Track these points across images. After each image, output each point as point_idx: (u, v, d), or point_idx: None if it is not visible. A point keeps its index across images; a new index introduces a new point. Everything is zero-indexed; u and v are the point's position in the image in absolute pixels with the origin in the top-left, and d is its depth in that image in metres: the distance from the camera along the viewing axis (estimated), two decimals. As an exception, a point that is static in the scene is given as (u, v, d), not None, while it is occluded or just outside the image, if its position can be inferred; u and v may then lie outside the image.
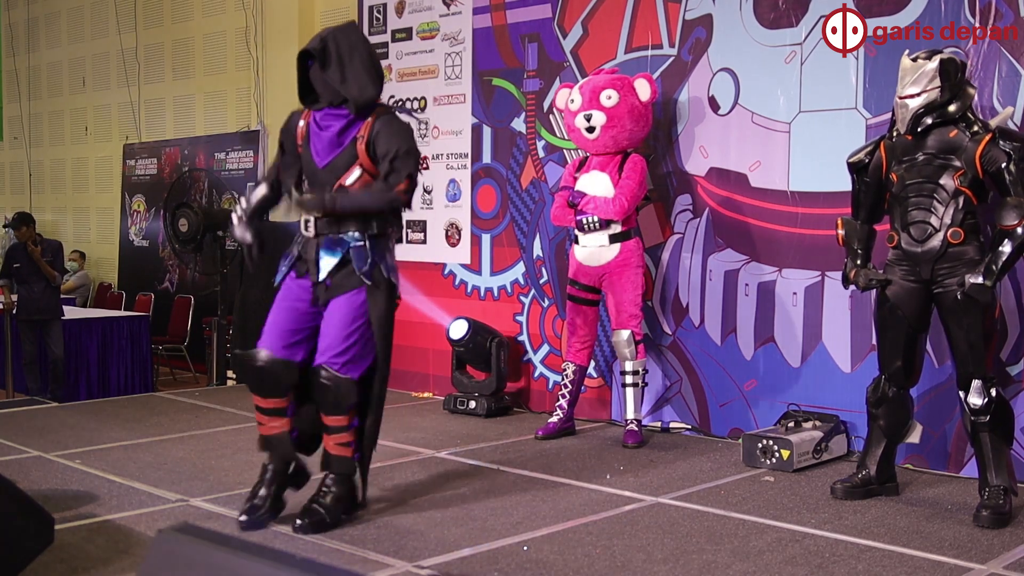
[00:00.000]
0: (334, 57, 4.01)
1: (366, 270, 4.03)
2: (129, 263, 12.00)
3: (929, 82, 4.29)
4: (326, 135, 4.09)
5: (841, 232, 4.66)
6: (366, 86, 4.04)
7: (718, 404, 5.88)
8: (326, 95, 4.08)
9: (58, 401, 7.66)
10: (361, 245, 4.05)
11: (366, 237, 4.06)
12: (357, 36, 4.17)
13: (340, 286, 4.05)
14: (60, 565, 3.58)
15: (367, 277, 4.03)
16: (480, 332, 6.50)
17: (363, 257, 4.04)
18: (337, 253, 4.06)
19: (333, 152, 4.09)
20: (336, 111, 4.07)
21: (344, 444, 4.09)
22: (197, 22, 11.23)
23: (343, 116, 4.06)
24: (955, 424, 4.93)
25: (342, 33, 4.11)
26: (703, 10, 5.89)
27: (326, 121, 4.09)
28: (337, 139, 4.08)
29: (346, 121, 4.06)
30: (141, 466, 5.05)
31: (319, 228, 4.09)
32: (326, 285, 4.07)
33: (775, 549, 3.84)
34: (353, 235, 4.06)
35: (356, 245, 4.05)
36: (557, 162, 6.54)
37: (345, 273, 4.05)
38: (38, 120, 13.85)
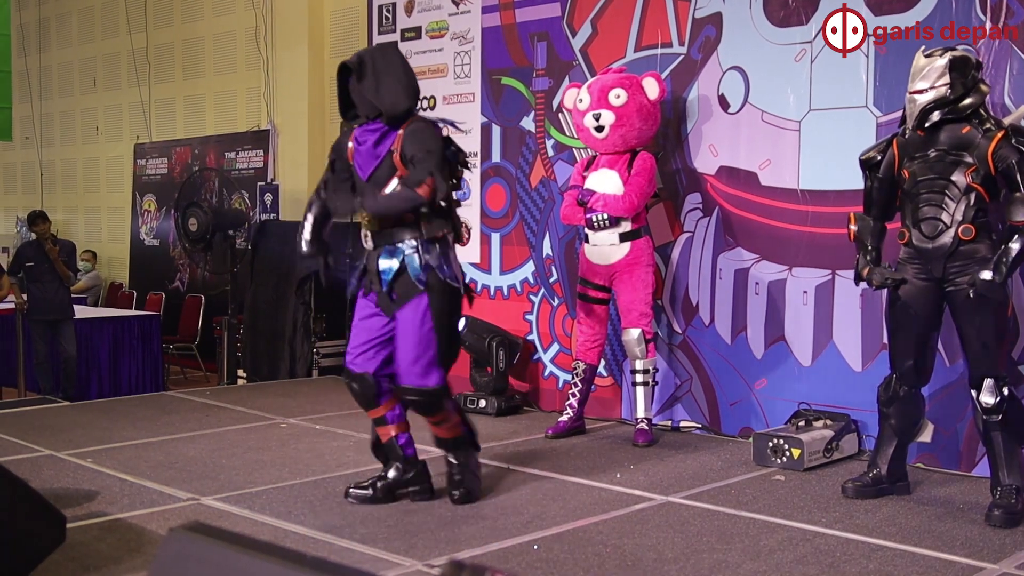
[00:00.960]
0: (370, 71, 4.24)
1: (421, 277, 4.21)
2: (140, 262, 12.04)
3: (939, 78, 4.27)
4: (364, 149, 4.29)
5: (854, 228, 4.64)
6: (399, 98, 4.25)
7: (728, 403, 5.87)
8: (363, 108, 4.30)
9: (70, 400, 7.68)
10: (414, 251, 4.22)
11: (419, 243, 4.23)
12: (394, 54, 4.42)
13: (403, 296, 4.25)
14: (72, 564, 3.59)
15: (422, 283, 4.20)
16: (478, 331, 6.49)
17: (417, 263, 4.22)
18: (394, 259, 4.24)
19: (372, 164, 4.30)
20: (372, 125, 4.28)
21: (454, 426, 4.40)
22: (207, 22, 11.26)
23: (379, 129, 4.25)
24: (967, 423, 4.91)
25: (380, 51, 4.42)
26: (713, 8, 5.88)
27: (364, 136, 4.31)
28: (374, 151, 4.27)
29: (380, 133, 4.25)
30: (152, 465, 5.07)
31: (376, 241, 4.29)
32: (391, 298, 4.26)
33: (786, 548, 3.83)
34: (408, 243, 4.23)
35: (410, 252, 4.23)
36: (567, 161, 6.54)
37: (404, 282, 4.24)
38: (49, 120, 13.90)
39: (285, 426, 6.12)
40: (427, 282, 4.21)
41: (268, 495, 4.51)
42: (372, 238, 4.30)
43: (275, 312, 8.47)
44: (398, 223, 4.24)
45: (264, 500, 4.42)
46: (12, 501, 3.33)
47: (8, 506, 3.31)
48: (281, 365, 8.37)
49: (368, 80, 4.22)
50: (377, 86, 4.22)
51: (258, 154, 10.20)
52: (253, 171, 10.23)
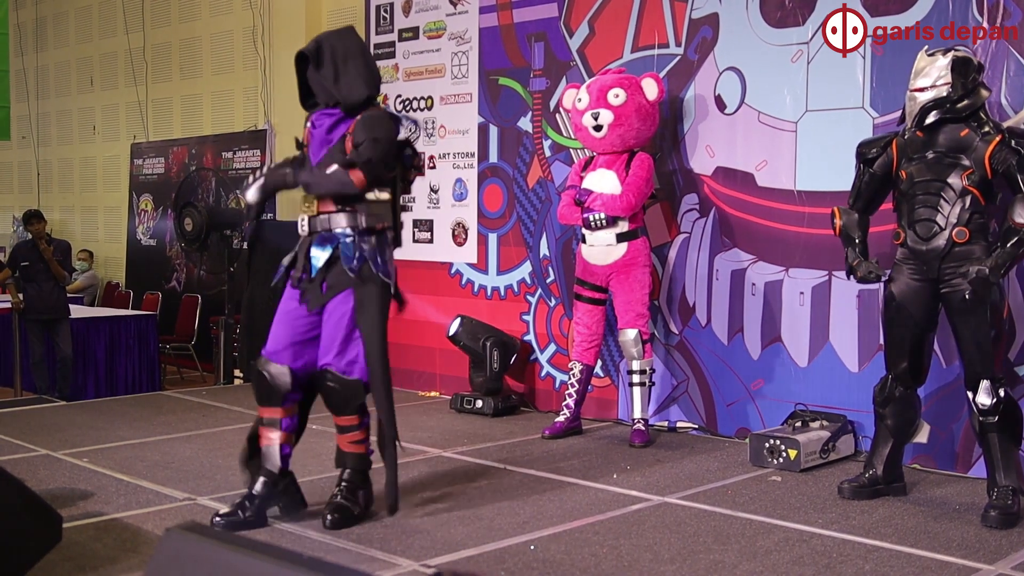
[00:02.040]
0: (328, 58, 4.11)
1: (354, 265, 4.05)
2: (137, 262, 12.03)
3: (940, 77, 4.28)
4: (318, 133, 4.17)
5: (840, 222, 4.64)
6: (358, 86, 4.12)
7: (725, 404, 5.87)
8: (322, 96, 4.17)
9: (66, 400, 7.67)
10: (351, 240, 4.08)
11: (356, 233, 4.08)
12: (353, 40, 4.26)
13: (334, 287, 4.09)
14: (68, 563, 3.59)
15: (354, 272, 4.05)
16: (473, 331, 6.49)
17: (351, 252, 4.06)
18: (327, 248, 4.09)
19: (323, 149, 4.16)
20: (330, 111, 4.15)
21: (357, 442, 4.18)
22: (204, 22, 11.25)
23: (335, 115, 4.13)
24: (963, 424, 4.92)
25: (338, 36, 4.22)
26: (709, 9, 5.88)
27: (320, 120, 4.18)
28: (327, 137, 4.14)
29: (336, 119, 4.13)
30: (148, 465, 5.07)
31: (312, 226, 4.14)
32: (321, 289, 4.10)
33: (782, 549, 3.83)
34: (344, 231, 4.09)
35: (345, 240, 4.08)
36: (564, 161, 6.54)
37: (337, 272, 4.08)
38: (46, 119, 13.88)
39: (282, 426, 6.11)
40: (360, 272, 4.05)
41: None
42: (308, 222, 4.15)
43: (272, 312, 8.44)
44: (338, 210, 4.09)
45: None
46: (8, 501, 3.32)
47: (4, 506, 3.30)
48: (278, 365, 8.34)
49: (326, 68, 4.09)
50: (336, 74, 4.09)
51: (255, 154, 10.19)
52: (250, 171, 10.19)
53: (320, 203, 4.15)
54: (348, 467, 4.19)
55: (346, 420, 4.15)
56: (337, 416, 4.16)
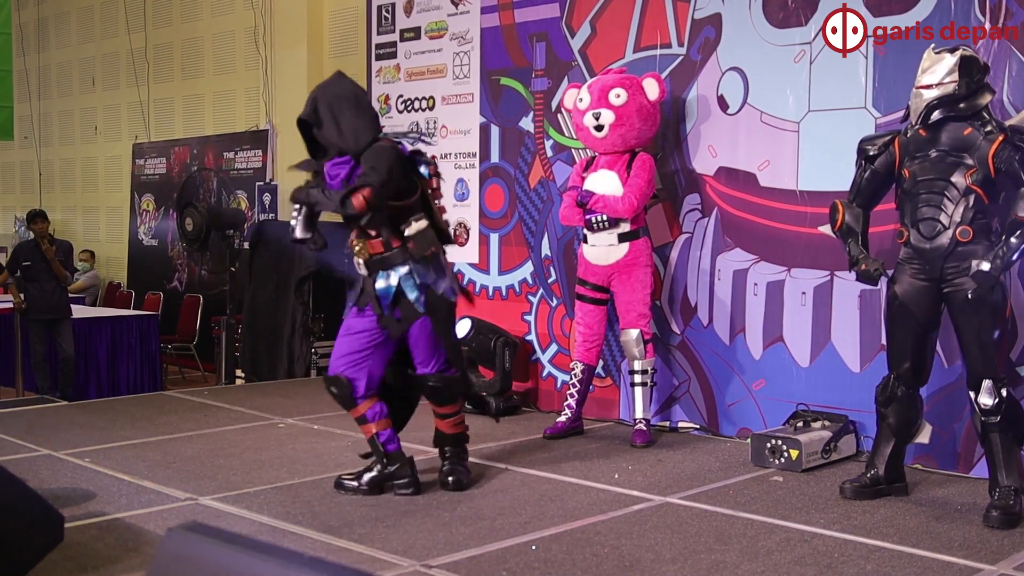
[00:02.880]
0: (326, 115, 4.38)
1: (420, 298, 4.42)
2: (138, 262, 12.04)
3: (947, 75, 4.27)
4: (335, 184, 4.40)
5: (845, 216, 4.63)
6: (361, 134, 4.39)
7: (727, 404, 5.87)
8: (332, 149, 4.43)
9: (67, 400, 7.68)
10: (407, 273, 4.40)
11: (411, 266, 4.41)
12: (343, 87, 4.51)
13: (407, 318, 4.46)
14: (69, 563, 3.59)
15: (422, 306, 4.42)
16: (484, 331, 6.50)
17: (412, 286, 4.42)
18: (391, 285, 4.42)
19: None
20: (341, 160, 4.40)
21: (458, 423, 4.73)
22: (206, 22, 11.26)
23: (348, 163, 4.39)
24: (964, 424, 4.92)
25: (329, 88, 4.48)
26: (712, 9, 5.88)
27: (334, 170, 4.43)
28: (344, 185, 4.36)
29: (350, 167, 4.38)
30: (150, 465, 5.07)
31: (369, 268, 4.47)
32: (396, 318, 4.45)
33: (784, 549, 3.83)
34: (401, 268, 4.41)
35: (403, 275, 4.41)
36: (565, 161, 6.54)
37: (405, 305, 4.45)
38: (48, 120, 13.89)
39: (283, 426, 6.12)
40: (427, 302, 4.42)
41: (266, 495, 4.51)
42: (365, 266, 4.48)
43: (273, 312, 8.46)
44: (386, 250, 4.41)
45: (262, 500, 4.42)
46: (10, 501, 3.32)
47: (6, 506, 3.30)
48: (279, 365, 8.36)
49: (327, 124, 4.39)
50: (337, 128, 4.37)
51: (257, 154, 10.20)
52: (252, 171, 10.22)
53: (371, 246, 4.42)
54: (450, 445, 4.72)
55: (448, 409, 4.68)
56: (440, 407, 4.68)
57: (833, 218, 4.67)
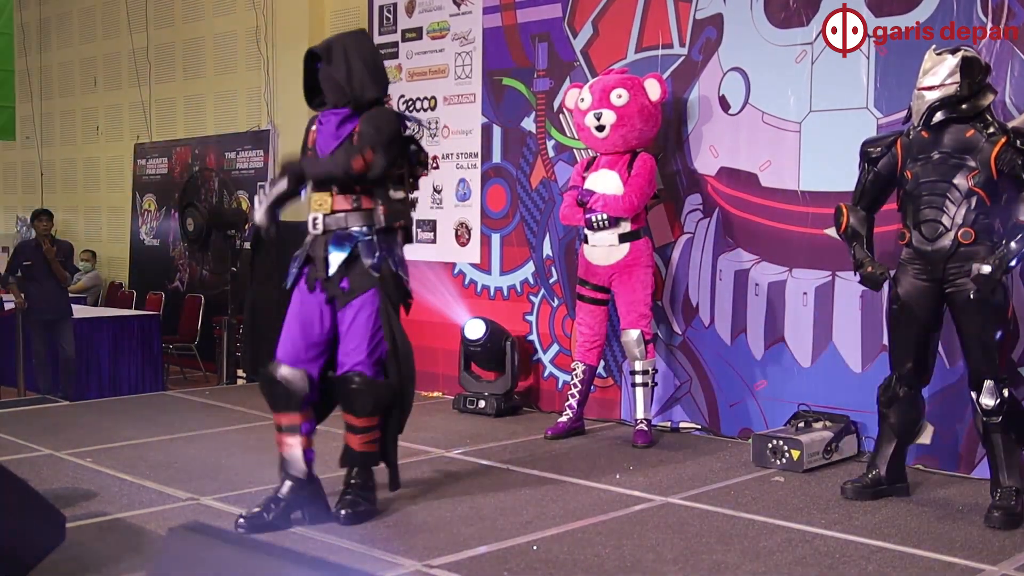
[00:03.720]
0: (340, 56, 4.17)
1: (374, 263, 4.08)
2: (140, 262, 12.03)
3: (948, 76, 4.27)
4: (326, 129, 4.23)
5: (850, 219, 4.62)
6: (367, 85, 4.19)
7: (728, 404, 5.87)
8: (331, 95, 4.22)
9: (69, 400, 7.68)
10: (369, 239, 4.11)
11: (373, 232, 4.12)
12: (364, 41, 4.38)
13: (355, 289, 4.09)
14: (71, 563, 3.59)
15: (375, 270, 4.08)
16: (496, 333, 6.52)
17: (371, 250, 4.10)
18: (346, 248, 4.10)
19: (331, 145, 4.20)
20: (336, 111, 4.21)
21: (371, 441, 4.16)
22: (208, 22, 11.25)
23: (343, 114, 4.20)
24: (966, 425, 4.91)
25: (350, 37, 4.32)
26: (713, 9, 5.88)
27: (327, 118, 4.24)
28: (336, 132, 4.19)
29: (343, 117, 4.18)
30: (152, 465, 5.07)
31: (327, 224, 4.13)
32: (342, 289, 4.09)
33: (785, 549, 3.83)
34: (361, 230, 4.11)
35: (364, 239, 4.10)
36: (567, 161, 6.54)
37: (357, 272, 4.09)
38: (50, 120, 13.88)
39: (285, 426, 6.11)
40: (380, 270, 4.08)
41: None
42: (323, 221, 4.12)
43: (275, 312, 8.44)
44: (354, 208, 4.11)
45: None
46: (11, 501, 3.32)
47: (7, 506, 3.30)
48: (280, 365, 8.35)
49: (337, 64, 4.15)
50: (348, 72, 4.14)
51: (258, 154, 10.19)
52: (253, 171, 10.21)
53: (335, 202, 4.12)
54: (358, 465, 4.19)
55: (365, 422, 4.12)
56: (356, 418, 4.12)
57: (837, 221, 4.67)
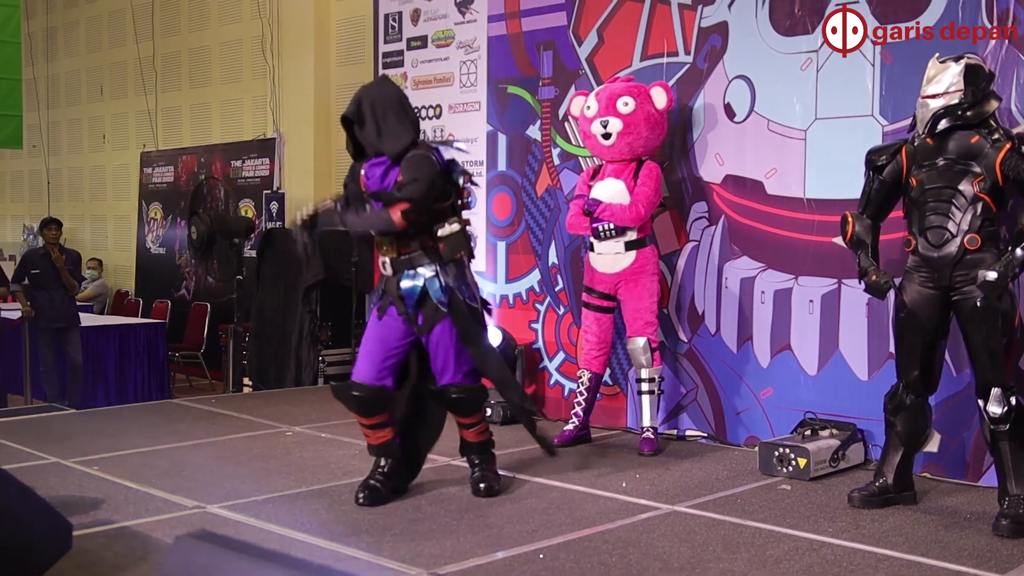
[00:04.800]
0: (368, 115, 4.46)
1: (443, 299, 4.42)
2: (146, 271, 12.07)
3: (952, 84, 4.28)
4: (372, 183, 4.49)
5: (855, 228, 4.62)
6: (400, 136, 4.44)
7: (734, 412, 5.86)
8: (370, 149, 4.51)
9: (76, 408, 7.69)
10: (434, 276, 4.44)
11: (438, 267, 4.45)
12: (387, 90, 4.63)
13: (431, 319, 4.48)
14: (78, 571, 3.59)
15: (444, 306, 4.42)
16: (509, 342, 6.53)
17: (438, 287, 4.45)
18: (415, 289, 4.46)
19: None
20: (379, 160, 4.49)
21: (482, 431, 4.74)
22: (214, 31, 11.30)
23: (384, 163, 4.46)
24: (973, 433, 4.90)
25: (374, 90, 4.59)
26: (718, 17, 5.89)
27: (372, 170, 4.53)
28: (381, 184, 4.47)
29: (386, 167, 4.46)
30: (158, 473, 5.07)
31: (395, 267, 4.50)
32: (418, 320, 4.47)
33: (792, 558, 3.82)
34: (428, 268, 4.47)
35: (430, 276, 4.44)
36: (572, 169, 6.54)
37: (428, 306, 4.47)
38: (56, 128, 13.94)
39: (291, 434, 6.12)
40: (449, 304, 4.44)
41: (274, 503, 4.51)
42: (391, 265, 4.50)
43: (281, 320, 8.48)
44: (416, 250, 4.45)
45: (270, 508, 4.42)
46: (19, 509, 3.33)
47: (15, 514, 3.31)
48: (287, 373, 8.38)
49: (368, 125, 4.44)
50: (378, 130, 4.43)
51: (264, 162, 10.22)
52: (259, 179, 10.25)
53: (400, 245, 4.45)
54: (476, 453, 4.75)
55: (471, 419, 4.69)
56: (463, 418, 4.68)
57: (843, 230, 4.66)
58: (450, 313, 4.44)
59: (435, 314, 4.45)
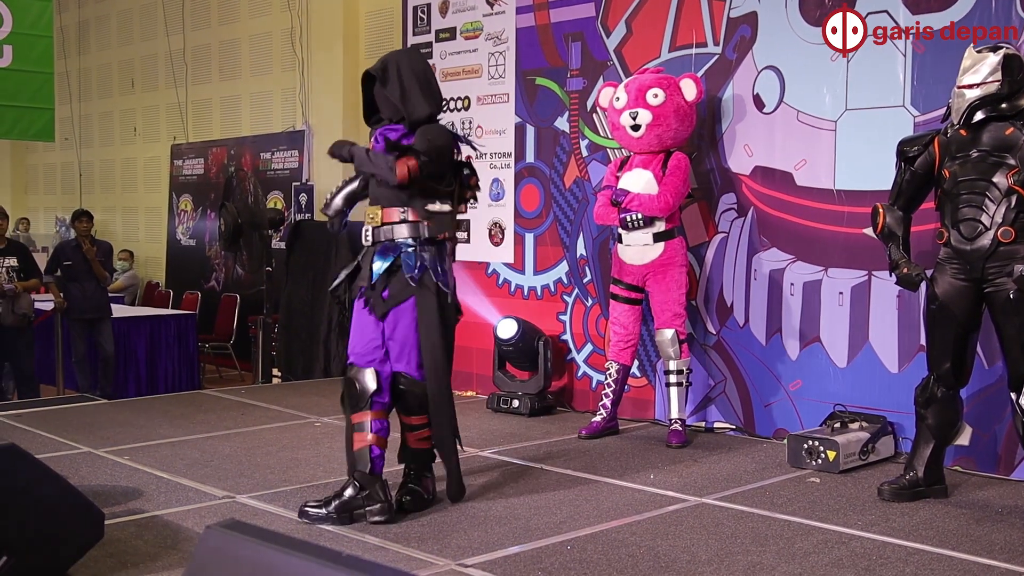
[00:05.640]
0: (394, 76, 4.33)
1: (415, 274, 4.23)
2: (176, 262, 12.15)
3: (990, 74, 4.23)
4: (381, 146, 4.35)
5: (887, 219, 4.58)
6: (421, 104, 4.32)
7: (763, 404, 5.84)
8: (387, 112, 4.39)
9: (107, 398, 7.76)
10: (412, 249, 4.26)
11: (418, 243, 4.27)
12: (417, 59, 4.51)
13: (395, 297, 4.26)
14: (110, 560, 3.63)
15: (414, 281, 4.22)
16: (529, 332, 6.52)
17: (413, 261, 4.24)
18: (388, 258, 4.26)
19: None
20: (394, 127, 4.36)
21: (424, 439, 4.41)
22: (243, 23, 11.34)
23: (399, 130, 4.33)
24: (1005, 426, 4.86)
25: (403, 56, 4.50)
26: (748, 8, 5.85)
27: (384, 134, 4.37)
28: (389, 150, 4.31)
29: (400, 134, 4.31)
30: (188, 463, 5.11)
31: (375, 236, 4.31)
32: (383, 298, 4.26)
33: (821, 551, 3.80)
34: (405, 241, 4.27)
35: (407, 250, 4.26)
36: (600, 161, 6.53)
37: (398, 281, 4.25)
38: (88, 121, 14.05)
39: (319, 425, 6.15)
40: (420, 281, 4.24)
41: (303, 493, 4.54)
42: (372, 233, 4.32)
43: (310, 311, 8.51)
44: (401, 221, 4.27)
45: (299, 498, 4.44)
46: (52, 498, 3.37)
47: (48, 503, 3.35)
48: (315, 364, 8.41)
49: (392, 84, 4.32)
50: (402, 92, 4.31)
51: (293, 154, 10.26)
52: (288, 171, 10.29)
53: (384, 214, 4.30)
54: (413, 462, 4.44)
55: (416, 420, 4.37)
56: (407, 416, 4.38)
57: (874, 221, 4.63)
58: (417, 291, 4.22)
59: (402, 290, 4.24)
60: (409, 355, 4.27)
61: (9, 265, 7.89)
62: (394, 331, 4.27)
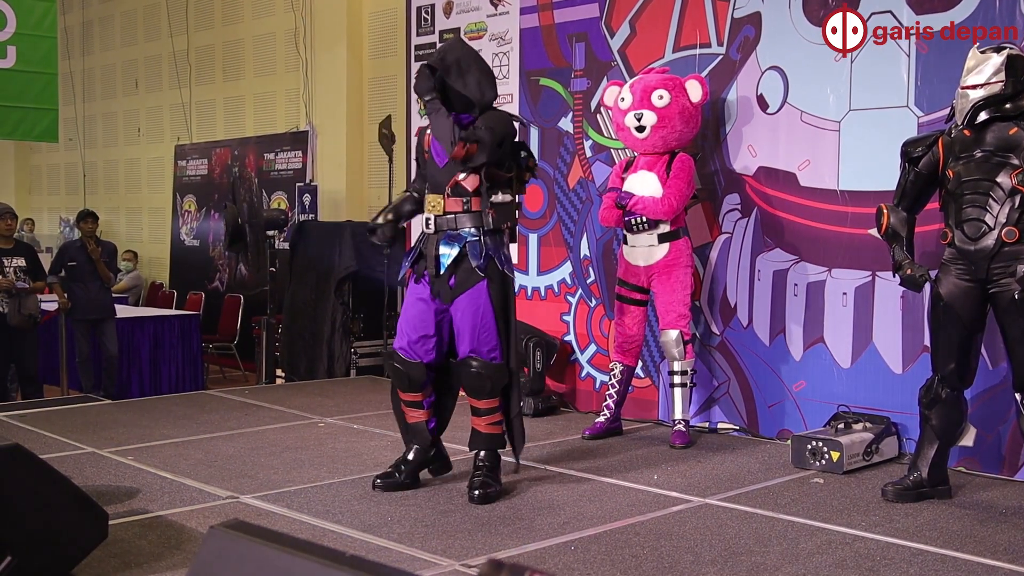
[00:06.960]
0: (453, 68, 4.41)
1: (481, 263, 4.38)
2: (180, 263, 12.17)
3: (993, 75, 4.23)
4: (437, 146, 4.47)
5: (888, 220, 4.58)
6: (486, 89, 4.47)
7: (767, 405, 5.83)
8: (458, 104, 4.44)
9: (111, 398, 7.77)
10: (476, 239, 4.40)
11: (481, 232, 4.40)
12: (467, 49, 4.62)
13: (463, 284, 4.42)
14: (114, 560, 3.64)
15: (482, 271, 4.38)
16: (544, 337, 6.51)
17: (478, 251, 4.40)
18: (455, 246, 4.40)
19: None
20: (462, 117, 4.44)
21: (495, 423, 4.54)
22: (247, 24, 11.35)
23: (466, 119, 4.42)
24: (1010, 426, 4.85)
25: (453, 47, 4.59)
26: (752, 8, 5.85)
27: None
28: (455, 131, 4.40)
29: (470, 121, 4.41)
30: (192, 463, 5.12)
31: (438, 225, 4.44)
32: (450, 285, 4.42)
33: (825, 552, 3.80)
34: (469, 231, 4.40)
35: (472, 240, 4.40)
36: (604, 162, 6.53)
37: (464, 270, 4.41)
38: (92, 122, 14.07)
39: (323, 425, 6.16)
40: (487, 269, 4.39)
41: (306, 494, 4.54)
42: (434, 222, 4.44)
43: (313, 312, 8.52)
44: (464, 210, 4.41)
45: (302, 499, 4.45)
46: (56, 498, 3.37)
47: (52, 503, 3.35)
48: (319, 365, 8.42)
49: (453, 76, 4.40)
50: (464, 80, 4.40)
51: (297, 155, 10.27)
52: (292, 172, 10.30)
53: (447, 203, 4.43)
54: (484, 448, 4.55)
55: (487, 403, 4.50)
56: (478, 400, 4.50)
57: (878, 222, 4.62)
58: (487, 278, 4.39)
59: (468, 278, 4.39)
60: (479, 338, 4.42)
61: (17, 265, 7.90)
62: (462, 316, 4.42)
